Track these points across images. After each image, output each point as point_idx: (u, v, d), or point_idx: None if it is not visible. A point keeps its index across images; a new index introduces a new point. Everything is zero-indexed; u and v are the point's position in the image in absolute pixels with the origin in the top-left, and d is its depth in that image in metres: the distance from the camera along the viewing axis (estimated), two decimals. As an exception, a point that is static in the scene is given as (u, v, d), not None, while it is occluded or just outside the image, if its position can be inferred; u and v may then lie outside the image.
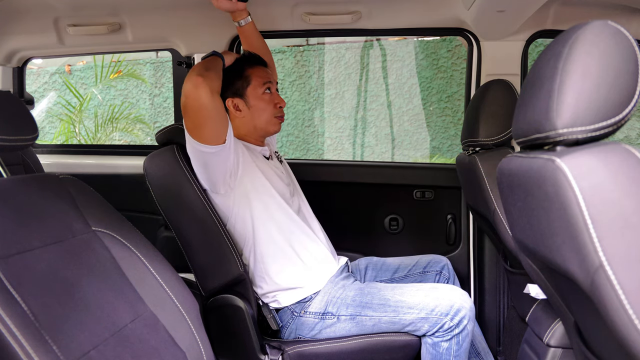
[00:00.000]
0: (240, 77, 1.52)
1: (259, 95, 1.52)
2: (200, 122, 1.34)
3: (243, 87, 1.52)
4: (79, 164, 2.34)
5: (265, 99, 1.52)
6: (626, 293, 0.56)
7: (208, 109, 1.31)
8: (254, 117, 1.52)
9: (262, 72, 1.54)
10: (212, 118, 1.33)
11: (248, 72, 1.52)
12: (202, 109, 1.31)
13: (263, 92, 1.52)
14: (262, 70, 1.55)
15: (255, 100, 1.52)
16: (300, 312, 1.44)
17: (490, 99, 1.47)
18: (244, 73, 1.52)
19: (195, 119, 1.34)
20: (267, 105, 1.52)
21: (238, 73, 1.53)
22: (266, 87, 1.52)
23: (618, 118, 0.66)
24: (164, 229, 2.14)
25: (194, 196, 1.41)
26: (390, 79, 4.45)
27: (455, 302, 1.33)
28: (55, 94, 5.06)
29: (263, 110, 1.52)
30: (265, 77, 1.54)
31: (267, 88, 1.53)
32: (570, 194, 0.60)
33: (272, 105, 1.53)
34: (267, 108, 1.52)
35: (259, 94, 1.52)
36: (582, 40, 0.67)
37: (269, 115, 1.53)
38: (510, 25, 1.67)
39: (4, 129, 0.97)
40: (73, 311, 0.88)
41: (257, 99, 1.52)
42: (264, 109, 1.52)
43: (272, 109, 1.53)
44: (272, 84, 1.54)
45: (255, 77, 1.52)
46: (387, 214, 2.06)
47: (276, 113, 1.54)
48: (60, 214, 1.01)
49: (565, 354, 1.07)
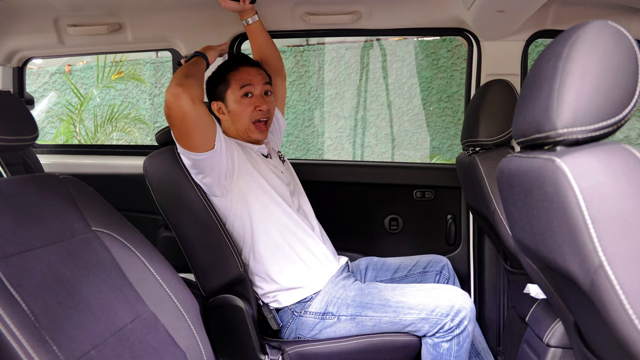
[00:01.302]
0: (221, 80, 1.53)
1: (237, 99, 1.50)
2: (185, 131, 1.32)
3: (222, 90, 1.52)
4: (79, 164, 2.34)
5: (243, 103, 1.50)
6: (626, 293, 0.56)
7: (191, 117, 1.29)
8: (234, 121, 1.53)
9: (242, 75, 1.51)
10: (197, 126, 1.31)
11: (228, 76, 1.52)
12: (186, 118, 1.29)
13: (241, 96, 1.50)
14: (243, 73, 1.52)
15: (233, 104, 1.51)
16: (300, 312, 1.44)
17: (490, 99, 1.47)
18: (225, 77, 1.52)
19: (181, 129, 1.32)
20: (245, 109, 1.50)
21: (220, 77, 1.54)
22: (245, 91, 1.50)
23: (618, 118, 0.66)
24: (164, 229, 2.14)
25: (193, 196, 1.41)
26: (390, 79, 4.45)
27: (455, 303, 1.33)
28: (55, 94, 5.06)
29: (240, 114, 1.50)
30: (245, 79, 1.50)
31: (246, 92, 1.50)
32: (570, 194, 0.60)
33: (250, 109, 1.50)
34: (244, 112, 1.50)
35: (237, 98, 1.50)
36: (582, 40, 0.67)
37: (246, 120, 1.50)
38: (510, 25, 1.67)
39: (4, 129, 0.98)
40: (73, 311, 0.88)
41: (234, 102, 1.51)
42: (241, 113, 1.50)
43: (249, 112, 1.50)
44: (252, 86, 1.51)
45: (234, 80, 1.51)
46: (387, 214, 2.06)
47: (255, 117, 1.50)
48: (60, 214, 1.01)
49: (565, 354, 1.07)
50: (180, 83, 1.29)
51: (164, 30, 1.97)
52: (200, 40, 1.95)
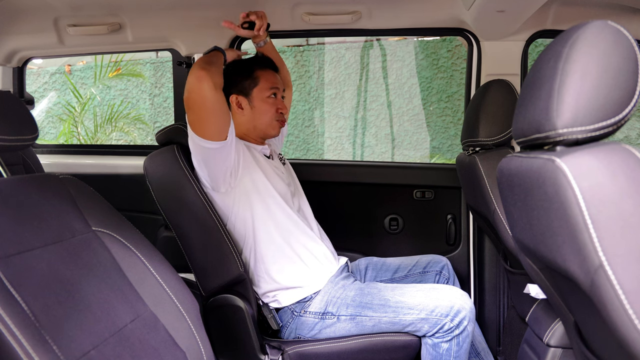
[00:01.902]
0: (248, 76, 1.54)
1: (264, 98, 1.54)
2: (203, 117, 1.34)
3: (250, 86, 1.54)
4: (79, 164, 2.34)
5: (269, 102, 1.54)
6: (626, 293, 0.56)
7: (211, 102, 1.32)
8: (255, 117, 1.54)
9: (271, 77, 1.56)
10: (215, 112, 1.34)
11: (258, 74, 1.54)
12: (206, 102, 1.32)
13: (269, 96, 1.54)
14: (271, 75, 1.57)
15: (260, 102, 1.53)
16: (300, 311, 1.44)
17: (490, 99, 1.47)
18: (253, 73, 1.54)
19: (199, 113, 1.34)
20: (270, 108, 1.54)
21: (247, 72, 1.55)
22: (272, 92, 1.54)
23: (618, 118, 0.66)
24: (164, 229, 2.14)
25: (194, 196, 1.41)
26: (390, 79, 4.45)
27: (455, 303, 1.33)
28: (55, 94, 5.06)
29: (266, 112, 1.54)
30: (274, 82, 1.56)
31: (273, 93, 1.55)
32: (570, 194, 0.61)
33: (274, 109, 1.55)
34: (269, 111, 1.54)
35: (264, 97, 1.53)
36: (582, 40, 0.67)
37: (270, 118, 1.55)
38: (510, 25, 1.67)
39: (4, 129, 0.98)
40: (73, 311, 0.88)
41: (261, 100, 1.53)
42: (267, 112, 1.54)
43: (274, 112, 1.55)
44: (278, 90, 1.56)
45: (263, 79, 1.54)
46: (387, 214, 2.06)
47: (277, 117, 1.56)
48: (60, 214, 1.01)
49: (565, 354, 1.07)
50: (204, 67, 1.33)
51: (164, 30, 1.97)
52: (201, 40, 1.96)
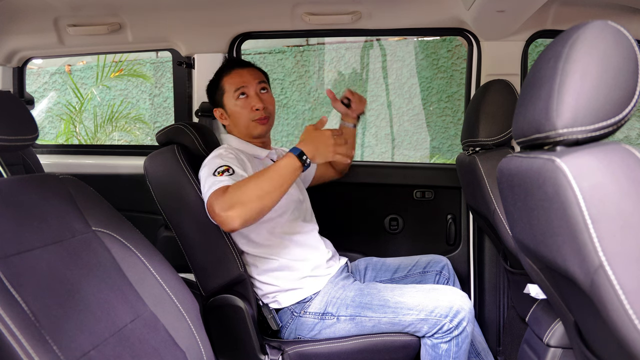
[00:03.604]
0: (217, 87, 1.57)
1: (234, 102, 1.53)
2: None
3: (220, 97, 1.56)
4: (79, 164, 2.34)
5: (239, 105, 1.52)
6: (626, 293, 0.56)
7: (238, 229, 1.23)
8: (235, 123, 1.55)
9: (236, 77, 1.54)
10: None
11: (223, 81, 1.55)
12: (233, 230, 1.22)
13: (237, 98, 1.52)
14: (236, 75, 1.54)
15: (232, 108, 1.54)
16: (300, 312, 1.44)
17: (490, 99, 1.47)
18: (220, 83, 1.56)
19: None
20: (242, 111, 1.52)
21: (215, 83, 1.58)
22: (240, 92, 1.52)
23: (618, 118, 0.66)
24: (164, 229, 2.14)
25: (194, 196, 1.41)
26: (390, 79, 4.45)
27: (454, 304, 1.33)
28: (55, 94, 5.06)
29: (239, 116, 1.53)
30: (239, 82, 1.53)
31: (240, 93, 1.52)
32: (570, 194, 0.60)
33: (247, 110, 1.52)
34: (241, 113, 1.52)
35: (233, 102, 1.53)
36: (582, 40, 0.67)
37: (245, 120, 1.53)
38: (510, 25, 1.67)
39: (4, 129, 0.98)
40: (73, 311, 0.88)
41: (232, 106, 1.54)
42: (240, 115, 1.53)
43: (247, 113, 1.52)
44: (246, 87, 1.52)
45: (228, 84, 1.54)
46: (387, 214, 2.06)
47: (253, 117, 1.52)
48: (60, 214, 1.01)
49: (565, 354, 1.07)
50: (232, 205, 1.18)
51: (164, 30, 1.97)
52: (200, 40, 1.96)
